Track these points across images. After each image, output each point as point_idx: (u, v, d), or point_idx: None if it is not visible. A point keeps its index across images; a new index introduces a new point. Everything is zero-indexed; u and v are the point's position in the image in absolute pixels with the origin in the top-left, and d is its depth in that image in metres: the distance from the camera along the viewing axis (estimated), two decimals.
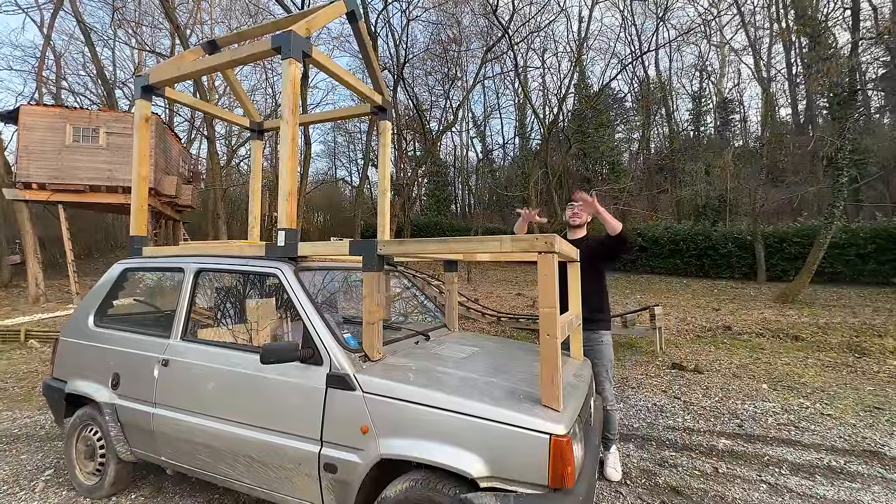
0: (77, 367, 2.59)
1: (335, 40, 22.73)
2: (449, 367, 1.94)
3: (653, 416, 3.74)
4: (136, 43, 19.73)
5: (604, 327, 2.79)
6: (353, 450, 1.71)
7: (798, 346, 6.32)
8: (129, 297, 2.87)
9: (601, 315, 2.79)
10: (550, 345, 1.61)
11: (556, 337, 1.61)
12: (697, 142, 22.49)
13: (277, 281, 2.13)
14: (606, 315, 2.85)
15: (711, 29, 20.45)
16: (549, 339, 1.62)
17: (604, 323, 2.80)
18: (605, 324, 2.82)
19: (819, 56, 9.63)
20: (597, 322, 2.75)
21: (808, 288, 10.27)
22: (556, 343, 1.60)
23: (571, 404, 1.71)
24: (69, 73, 20.47)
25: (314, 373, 1.85)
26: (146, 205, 2.96)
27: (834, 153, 9.55)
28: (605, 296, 2.89)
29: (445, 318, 2.99)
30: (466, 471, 1.50)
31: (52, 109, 11.30)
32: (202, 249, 2.57)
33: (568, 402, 1.72)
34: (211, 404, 2.08)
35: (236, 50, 2.59)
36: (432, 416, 1.60)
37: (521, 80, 19.64)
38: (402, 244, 1.97)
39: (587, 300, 2.66)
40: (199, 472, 2.15)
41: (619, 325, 6.35)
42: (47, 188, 10.82)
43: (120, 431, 2.36)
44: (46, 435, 3.43)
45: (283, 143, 2.31)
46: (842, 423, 3.56)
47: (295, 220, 2.31)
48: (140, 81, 2.89)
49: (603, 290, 2.87)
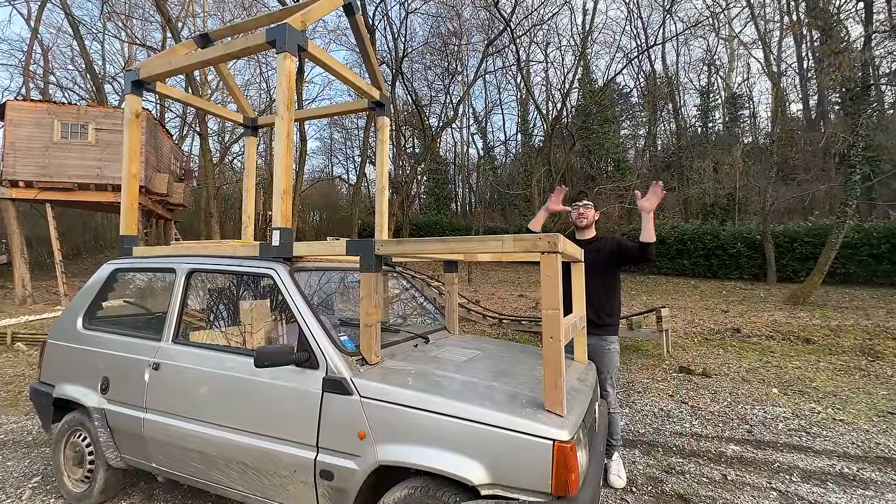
0: (65, 370, 2.59)
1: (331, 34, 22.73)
2: (449, 371, 1.94)
3: (659, 422, 3.74)
4: (126, 36, 19.74)
5: (612, 332, 2.79)
6: (351, 456, 1.71)
7: (809, 349, 6.31)
8: (118, 298, 2.87)
9: (610, 319, 2.78)
10: (553, 348, 1.61)
11: (560, 339, 1.61)
12: (705, 138, 22.49)
13: (272, 282, 2.13)
14: (616, 320, 2.83)
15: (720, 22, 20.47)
16: (553, 341, 1.62)
17: (612, 328, 2.79)
18: (614, 328, 2.81)
19: (831, 50, 9.63)
20: (606, 327, 2.74)
21: (819, 289, 10.28)
22: (559, 346, 1.60)
23: (575, 409, 1.71)
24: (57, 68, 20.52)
25: (310, 377, 1.85)
26: (136, 203, 2.95)
27: (846, 150, 9.56)
28: (617, 299, 2.87)
29: (445, 321, 2.99)
30: (467, 478, 1.50)
31: (40, 105, 11.31)
32: (194, 249, 2.57)
33: (572, 406, 1.72)
34: (203, 409, 2.07)
35: (229, 43, 2.59)
36: (432, 422, 1.60)
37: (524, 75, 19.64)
38: (401, 244, 1.97)
39: (597, 303, 2.66)
40: (192, 479, 2.15)
41: (625, 327, 6.34)
42: (34, 186, 10.83)
43: (109, 437, 2.35)
44: (34, 441, 3.43)
45: (277, 140, 2.31)
46: (854, 428, 3.56)
47: (290, 219, 2.31)
48: (130, 76, 2.89)
49: (615, 294, 2.85)
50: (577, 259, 2.35)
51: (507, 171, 26.80)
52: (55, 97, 19.13)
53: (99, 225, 21.41)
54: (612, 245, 2.78)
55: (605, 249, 2.77)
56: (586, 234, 2.94)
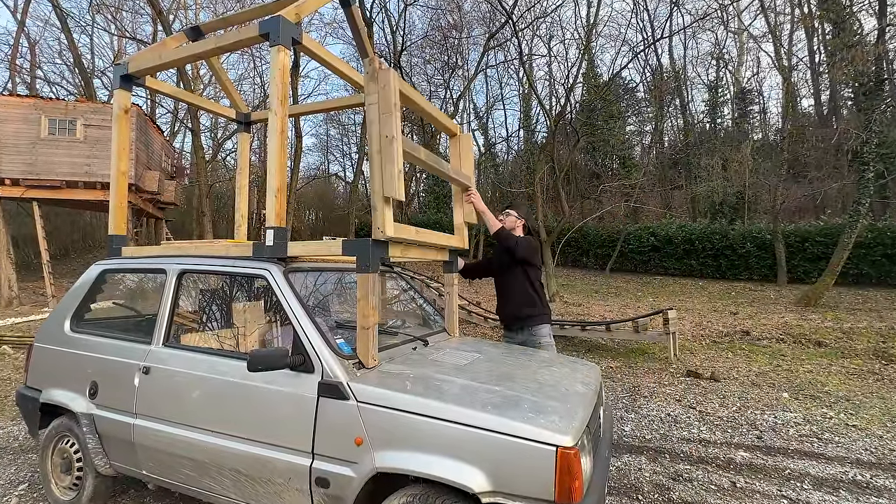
0: (52, 374, 2.59)
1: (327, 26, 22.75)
2: (449, 375, 1.94)
3: (666, 427, 3.74)
4: (116, 29, 19.73)
5: (538, 322, 2.97)
6: (347, 463, 1.71)
7: (821, 352, 6.31)
8: (107, 300, 2.87)
9: (531, 310, 2.97)
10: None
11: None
12: (714, 135, 22.48)
13: (266, 283, 2.13)
14: (540, 309, 3.00)
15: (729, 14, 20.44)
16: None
17: (537, 318, 2.98)
18: (539, 318, 2.98)
19: (844, 43, 9.63)
20: (528, 318, 2.97)
21: (831, 290, 10.27)
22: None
23: (579, 414, 1.71)
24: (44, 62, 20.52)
25: (305, 381, 1.85)
26: (126, 202, 2.96)
27: (859, 147, 9.56)
28: (534, 291, 3.03)
29: (445, 323, 2.99)
30: (467, 485, 1.50)
31: (27, 100, 11.32)
32: (186, 249, 2.57)
33: (575, 411, 1.72)
34: (195, 414, 2.07)
35: (222, 36, 2.58)
36: (431, 427, 1.60)
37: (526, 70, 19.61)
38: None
39: (514, 299, 2.97)
40: (183, 486, 2.15)
41: (631, 330, 6.35)
42: (21, 184, 10.82)
43: (98, 443, 2.35)
44: (20, 447, 3.43)
45: (271, 136, 2.31)
46: (868, 434, 3.56)
47: (284, 218, 2.30)
48: (119, 70, 2.89)
49: (528, 287, 3.02)
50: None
51: (509, 168, 26.76)
52: (42, 92, 19.17)
53: (87, 224, 21.40)
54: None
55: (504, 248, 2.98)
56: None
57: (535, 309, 3.00)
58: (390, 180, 2.00)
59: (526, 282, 3.02)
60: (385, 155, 2.03)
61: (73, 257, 19.09)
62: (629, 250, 16.31)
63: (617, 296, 12.68)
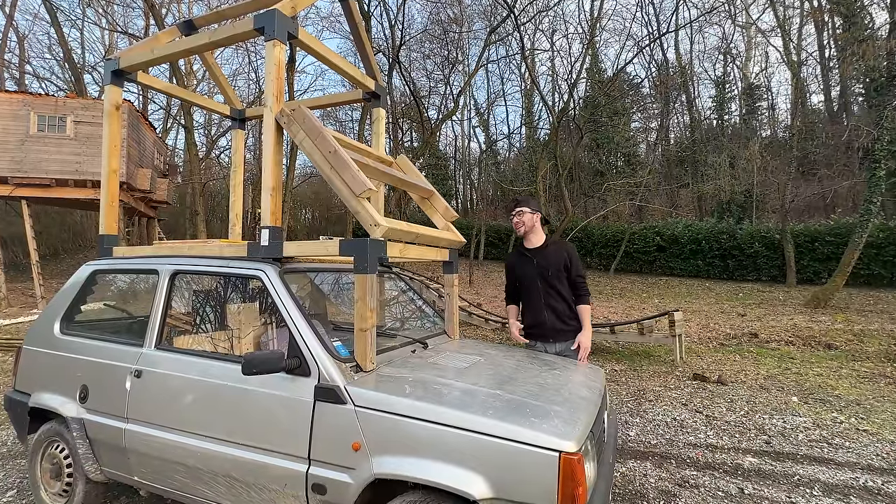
0: (41, 378, 2.59)
1: (324, 20, 22.83)
2: (449, 378, 1.94)
3: (672, 432, 3.74)
4: (107, 23, 19.72)
5: (574, 335, 2.89)
6: (344, 469, 1.71)
7: (831, 355, 6.32)
8: (98, 301, 2.87)
9: (574, 324, 2.87)
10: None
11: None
12: (721, 131, 22.50)
13: (261, 284, 2.13)
14: (579, 324, 2.93)
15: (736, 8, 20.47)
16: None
17: (575, 332, 2.89)
18: (575, 332, 2.91)
19: (854, 38, 9.64)
20: (572, 332, 2.85)
21: (842, 291, 10.28)
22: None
23: (583, 419, 1.71)
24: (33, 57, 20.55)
25: (301, 385, 1.85)
26: (117, 200, 2.96)
27: (870, 144, 9.56)
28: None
29: (445, 325, 2.98)
30: (468, 492, 1.50)
31: (15, 96, 11.31)
32: (178, 249, 2.57)
33: (579, 415, 1.72)
34: (188, 419, 2.07)
35: (215, 31, 2.58)
36: (430, 432, 1.60)
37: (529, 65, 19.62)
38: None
39: (560, 310, 2.82)
40: (176, 492, 2.15)
41: (636, 332, 6.35)
42: (9, 182, 10.83)
43: (88, 449, 2.35)
44: (9, 452, 3.42)
45: (266, 133, 2.31)
46: (879, 439, 3.56)
47: (280, 217, 2.31)
48: (110, 65, 2.89)
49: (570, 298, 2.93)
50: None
51: (511, 166, 26.81)
52: (32, 88, 19.17)
53: (78, 223, 21.39)
54: (563, 256, 2.85)
55: (554, 256, 2.84)
56: (533, 242, 2.96)
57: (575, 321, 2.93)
58: (353, 180, 2.02)
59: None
60: (336, 164, 2.09)
61: (63, 257, 19.08)
62: (634, 250, 16.33)
63: (621, 297, 12.69)
